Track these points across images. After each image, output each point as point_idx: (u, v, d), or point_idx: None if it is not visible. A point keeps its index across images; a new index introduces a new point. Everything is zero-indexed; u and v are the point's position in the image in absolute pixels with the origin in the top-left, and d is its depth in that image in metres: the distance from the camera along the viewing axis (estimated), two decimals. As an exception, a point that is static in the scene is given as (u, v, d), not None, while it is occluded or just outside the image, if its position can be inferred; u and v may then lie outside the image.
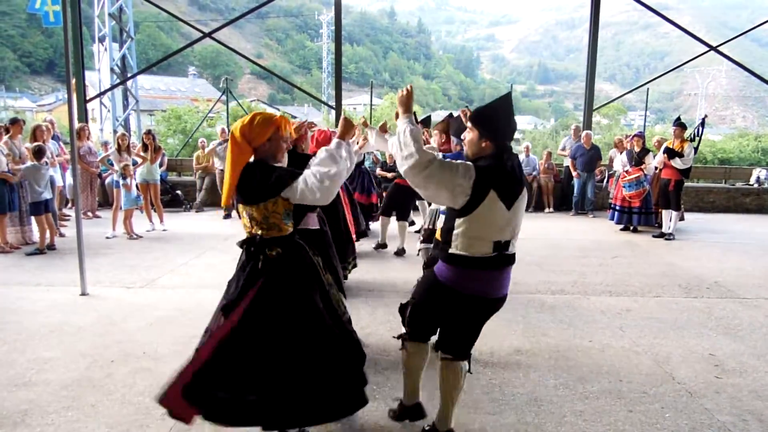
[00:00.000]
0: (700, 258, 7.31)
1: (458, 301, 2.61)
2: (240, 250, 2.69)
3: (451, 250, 2.59)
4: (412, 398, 2.98)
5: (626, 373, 3.72)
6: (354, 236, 5.76)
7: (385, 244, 7.32)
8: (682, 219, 9.31)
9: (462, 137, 2.69)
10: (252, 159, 2.62)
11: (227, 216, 9.97)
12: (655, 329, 4.59)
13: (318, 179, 2.48)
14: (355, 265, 5.64)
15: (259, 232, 2.60)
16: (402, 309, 2.92)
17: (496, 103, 2.65)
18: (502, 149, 2.56)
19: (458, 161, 2.56)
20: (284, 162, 2.83)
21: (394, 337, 2.84)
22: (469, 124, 2.64)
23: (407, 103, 2.68)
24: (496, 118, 2.60)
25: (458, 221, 2.55)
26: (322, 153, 2.58)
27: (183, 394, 2.43)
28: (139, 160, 8.71)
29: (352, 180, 7.68)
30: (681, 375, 3.72)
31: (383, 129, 3.96)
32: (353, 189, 7.43)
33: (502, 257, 2.59)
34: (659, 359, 3.97)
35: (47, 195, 7.15)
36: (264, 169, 2.56)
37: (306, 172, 2.54)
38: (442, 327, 2.76)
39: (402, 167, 2.55)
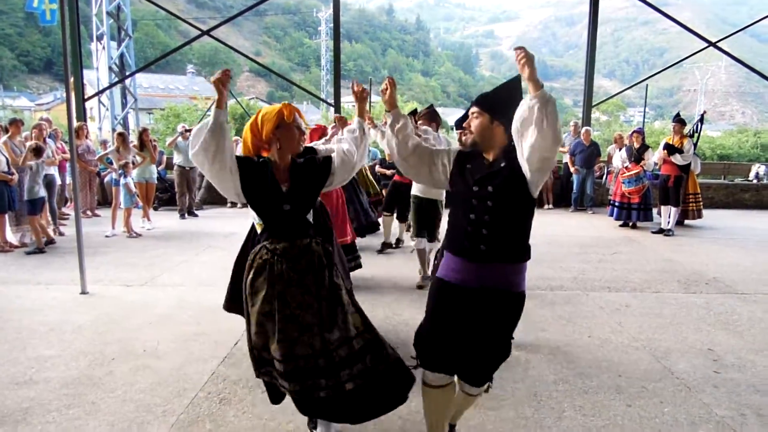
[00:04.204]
0: (699, 254, 7.32)
1: (453, 293, 2.42)
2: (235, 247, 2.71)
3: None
4: None
5: (625, 368, 3.73)
6: (352, 236, 5.70)
7: (390, 243, 7.32)
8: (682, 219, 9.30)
9: (464, 126, 2.55)
10: (270, 155, 2.54)
11: (183, 216, 9.79)
12: (654, 324, 4.61)
13: (352, 147, 2.67)
14: (358, 266, 5.58)
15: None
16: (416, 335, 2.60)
17: (508, 84, 2.43)
18: (511, 144, 2.32)
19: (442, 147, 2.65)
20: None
21: (411, 357, 2.57)
22: (474, 110, 2.44)
23: (389, 98, 2.61)
24: (508, 98, 2.33)
25: (449, 210, 2.59)
26: (347, 132, 2.75)
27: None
28: (140, 159, 8.70)
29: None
30: (680, 370, 3.73)
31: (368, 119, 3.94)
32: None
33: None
34: (658, 354, 3.99)
35: (42, 192, 7.13)
36: (303, 165, 2.59)
37: (338, 147, 2.70)
38: (453, 344, 2.43)
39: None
